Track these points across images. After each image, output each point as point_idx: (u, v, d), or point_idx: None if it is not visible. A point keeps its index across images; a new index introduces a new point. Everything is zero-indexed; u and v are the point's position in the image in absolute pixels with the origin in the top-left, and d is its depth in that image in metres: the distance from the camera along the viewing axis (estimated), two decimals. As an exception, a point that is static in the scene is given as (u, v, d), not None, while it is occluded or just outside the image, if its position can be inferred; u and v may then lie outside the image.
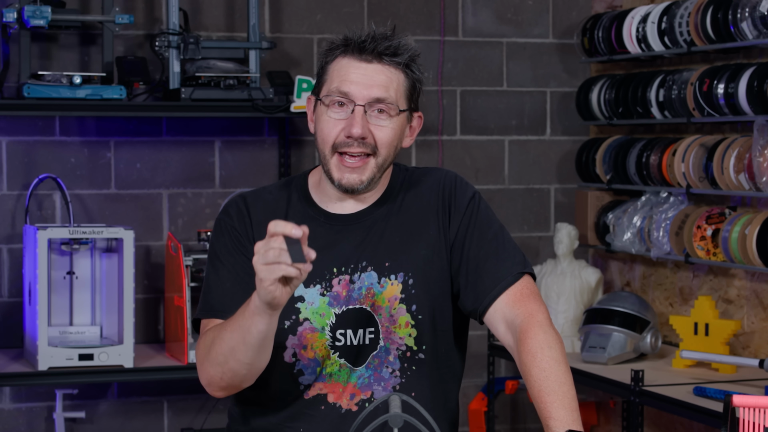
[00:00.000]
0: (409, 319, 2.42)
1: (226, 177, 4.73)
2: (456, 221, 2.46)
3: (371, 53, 2.38)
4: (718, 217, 4.23)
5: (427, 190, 2.49)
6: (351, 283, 2.41)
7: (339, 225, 2.45)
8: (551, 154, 5.14)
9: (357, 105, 2.36)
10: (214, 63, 4.42)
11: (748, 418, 2.31)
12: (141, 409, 4.66)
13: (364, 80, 2.37)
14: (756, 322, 4.25)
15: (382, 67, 2.39)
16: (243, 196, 2.49)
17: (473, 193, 2.50)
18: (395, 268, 2.42)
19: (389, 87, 2.38)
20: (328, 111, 2.38)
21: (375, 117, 2.38)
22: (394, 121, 2.40)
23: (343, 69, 2.38)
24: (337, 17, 4.85)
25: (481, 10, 5.03)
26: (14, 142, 4.50)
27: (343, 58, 2.39)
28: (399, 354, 2.42)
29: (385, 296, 2.41)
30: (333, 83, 2.38)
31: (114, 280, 4.26)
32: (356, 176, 2.39)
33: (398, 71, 2.40)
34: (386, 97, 2.38)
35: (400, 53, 2.40)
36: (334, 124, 2.37)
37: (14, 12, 4.21)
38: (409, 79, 2.43)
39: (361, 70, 2.37)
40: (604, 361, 4.23)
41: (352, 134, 2.35)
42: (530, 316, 2.35)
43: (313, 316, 2.40)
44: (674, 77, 4.42)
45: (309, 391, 2.42)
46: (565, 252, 4.66)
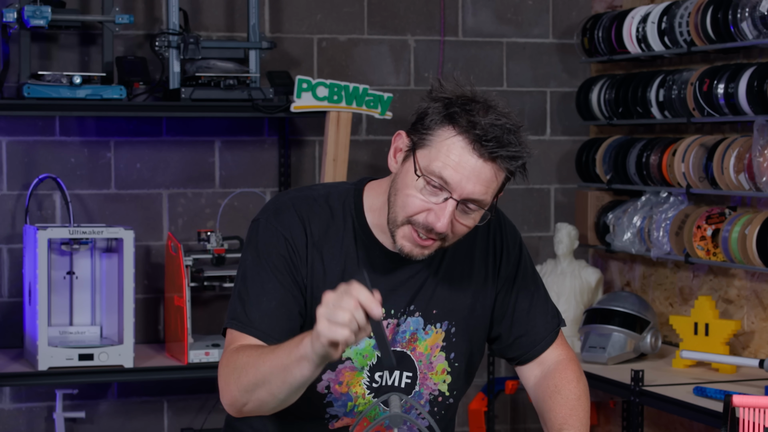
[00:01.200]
0: (447, 366, 2.39)
1: (226, 177, 4.73)
2: (505, 269, 2.42)
3: (489, 153, 2.16)
4: (718, 217, 4.23)
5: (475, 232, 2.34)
6: (397, 326, 2.35)
7: (394, 263, 2.33)
8: (551, 154, 5.14)
9: (452, 199, 2.18)
10: (214, 63, 4.42)
11: (748, 418, 2.31)
12: (141, 409, 4.66)
13: (470, 176, 2.16)
14: (756, 322, 4.25)
15: (492, 167, 2.17)
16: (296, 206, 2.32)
17: (520, 237, 2.47)
18: (442, 316, 2.37)
19: (489, 188, 2.19)
20: (420, 187, 2.19)
21: (463, 213, 2.21)
22: (478, 217, 2.24)
23: (454, 152, 2.16)
24: (337, 17, 4.85)
25: (481, 10, 5.03)
26: (14, 142, 4.50)
27: (457, 137, 2.16)
28: (431, 398, 2.40)
29: (428, 343, 2.37)
30: (437, 161, 2.17)
31: (114, 280, 4.26)
32: (420, 251, 2.24)
33: (503, 173, 2.20)
34: (483, 199, 2.19)
35: (516, 160, 2.19)
36: (422, 203, 2.19)
37: (14, 12, 4.21)
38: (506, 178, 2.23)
39: (471, 164, 2.16)
40: (604, 361, 4.23)
41: (435, 229, 2.18)
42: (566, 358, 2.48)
43: (356, 356, 2.33)
44: (674, 77, 4.42)
45: (336, 422, 2.37)
46: (565, 252, 4.66)
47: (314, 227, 2.30)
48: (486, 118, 2.17)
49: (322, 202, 2.33)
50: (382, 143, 4.90)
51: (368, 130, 4.89)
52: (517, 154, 2.18)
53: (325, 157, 4.48)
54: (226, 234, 4.55)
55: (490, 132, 2.16)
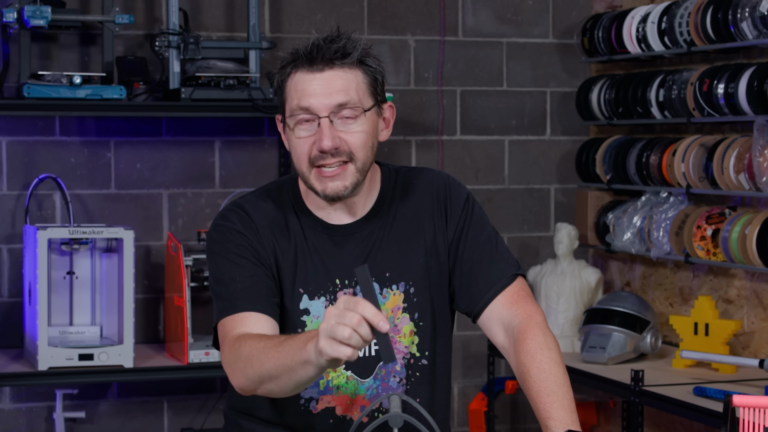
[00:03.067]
0: (412, 327, 2.42)
1: (226, 177, 4.73)
2: (453, 224, 2.45)
3: (321, 61, 2.30)
4: (718, 217, 4.23)
5: (420, 194, 2.47)
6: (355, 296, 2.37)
7: (338, 236, 2.42)
8: (551, 154, 5.14)
9: (321, 118, 2.30)
10: (214, 63, 4.42)
11: (748, 418, 2.31)
12: (141, 409, 4.66)
13: (322, 90, 2.30)
14: (756, 322, 4.25)
15: (336, 72, 2.31)
16: (239, 205, 2.43)
17: (467, 195, 2.49)
18: (396, 278, 2.42)
19: (349, 89, 2.32)
20: (295, 131, 2.34)
21: (342, 123, 2.32)
22: (363, 123, 2.35)
23: (298, 84, 2.32)
24: (337, 17, 4.85)
25: (481, 10, 5.03)
26: (14, 142, 4.50)
27: (295, 74, 2.33)
28: (404, 362, 2.42)
29: (388, 307, 2.41)
30: (293, 101, 2.33)
31: (114, 280, 4.26)
32: (339, 183, 2.34)
33: (354, 70, 2.33)
34: (348, 100, 2.31)
35: (350, 52, 2.32)
36: (305, 143, 2.33)
37: (14, 12, 4.21)
38: (368, 74, 2.35)
39: (316, 80, 2.31)
40: (604, 361, 4.23)
41: (323, 148, 2.30)
42: (528, 318, 2.37)
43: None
44: (674, 77, 4.42)
45: (317, 405, 2.40)
46: (565, 252, 4.66)
47: (258, 218, 2.40)
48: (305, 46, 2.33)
49: (264, 197, 2.45)
50: (382, 143, 4.89)
51: (368, 130, 4.89)
52: (344, 49, 2.31)
53: (325, 157, 4.48)
54: (226, 234, 4.54)
55: (310, 48, 2.31)
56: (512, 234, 5.09)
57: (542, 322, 2.37)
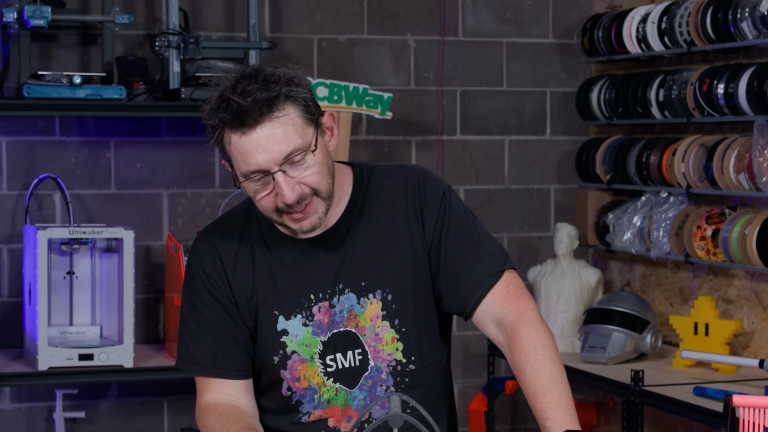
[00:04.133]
0: (394, 333, 2.38)
1: (226, 177, 4.73)
2: (430, 224, 2.38)
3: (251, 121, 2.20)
4: (718, 217, 4.23)
5: (392, 196, 2.39)
6: (331, 308, 2.36)
7: (309, 248, 2.37)
8: (551, 154, 5.14)
9: (273, 173, 2.22)
10: (214, 63, 4.42)
11: (748, 418, 2.31)
12: (141, 409, 4.66)
13: (262, 147, 2.21)
14: (756, 322, 4.25)
15: (269, 124, 2.21)
16: (207, 232, 2.42)
17: (443, 191, 2.40)
18: (372, 286, 2.37)
19: (289, 135, 2.21)
20: (253, 189, 2.26)
21: (295, 168, 2.24)
22: (315, 158, 2.25)
23: (237, 147, 2.23)
24: (337, 17, 4.85)
25: (481, 10, 5.03)
26: (14, 142, 4.50)
27: (230, 136, 2.24)
28: (390, 370, 2.39)
29: (366, 316, 2.37)
30: (240, 165, 2.24)
31: (114, 280, 4.26)
32: (313, 218, 2.29)
33: (284, 110, 2.22)
34: (293, 149, 2.22)
35: (273, 98, 2.20)
36: (268, 200, 2.26)
37: (14, 12, 4.21)
38: (298, 106, 2.24)
39: (253, 139, 2.21)
40: (604, 361, 4.23)
41: (287, 202, 2.24)
42: (520, 314, 2.31)
43: (299, 347, 2.37)
44: (674, 77, 4.42)
45: (310, 417, 2.40)
46: (565, 252, 4.66)
47: (225, 247, 2.39)
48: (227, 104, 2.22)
49: (235, 220, 2.43)
50: (382, 143, 4.90)
51: (368, 130, 4.90)
52: (267, 98, 2.20)
53: (325, 157, 4.48)
54: (226, 234, 4.54)
55: (233, 109, 2.21)
56: (512, 234, 5.09)
57: (534, 317, 2.30)
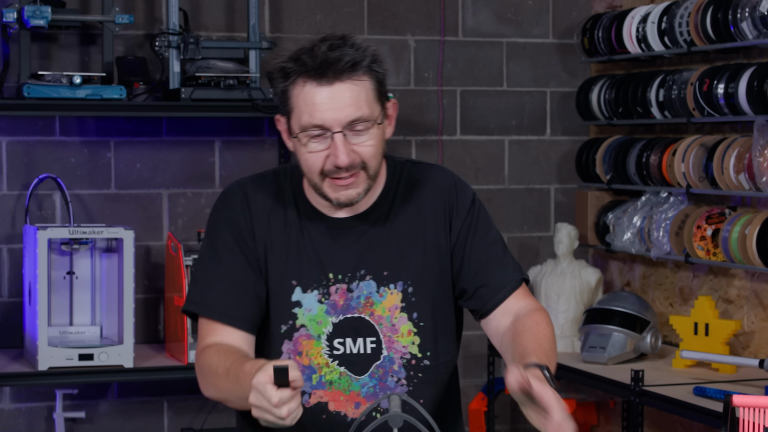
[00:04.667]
0: (411, 327, 2.39)
1: (226, 177, 4.73)
2: (458, 224, 2.43)
3: (331, 74, 2.25)
4: (718, 217, 4.23)
5: (424, 192, 2.44)
6: (349, 292, 2.38)
7: (336, 229, 2.40)
8: (551, 154, 5.14)
9: (335, 133, 2.26)
10: (214, 63, 4.42)
11: (748, 418, 2.31)
12: (141, 409, 4.66)
13: (333, 105, 2.25)
14: (756, 322, 4.25)
15: (346, 85, 2.26)
16: (242, 186, 2.43)
17: (473, 196, 2.47)
18: (394, 277, 2.39)
19: (360, 102, 2.27)
20: (307, 144, 2.29)
21: (355, 136, 2.28)
22: (375, 134, 2.31)
23: (308, 98, 2.27)
24: (337, 17, 4.85)
25: (481, 10, 5.03)
26: (14, 142, 4.50)
27: (303, 84, 2.27)
28: (403, 363, 2.40)
29: (384, 305, 2.38)
30: (302, 116, 2.28)
31: (114, 280, 4.26)
32: (352, 191, 2.32)
33: (363, 80, 2.28)
34: (360, 114, 2.27)
35: (359, 63, 2.27)
36: (317, 156, 2.29)
37: (14, 12, 4.21)
38: (374, 80, 2.30)
39: (326, 94, 2.25)
40: (604, 361, 4.23)
41: (339, 165, 2.27)
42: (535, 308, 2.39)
43: (310, 323, 2.37)
44: (674, 77, 4.42)
45: (309, 399, 2.39)
46: (565, 252, 4.66)
47: (259, 203, 2.40)
48: (312, 54, 2.26)
49: (270, 180, 2.44)
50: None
51: (368, 130, 4.89)
52: (353, 59, 2.26)
53: (325, 157, 4.48)
54: (226, 234, 4.54)
55: (317, 59, 2.25)
56: (512, 234, 5.09)
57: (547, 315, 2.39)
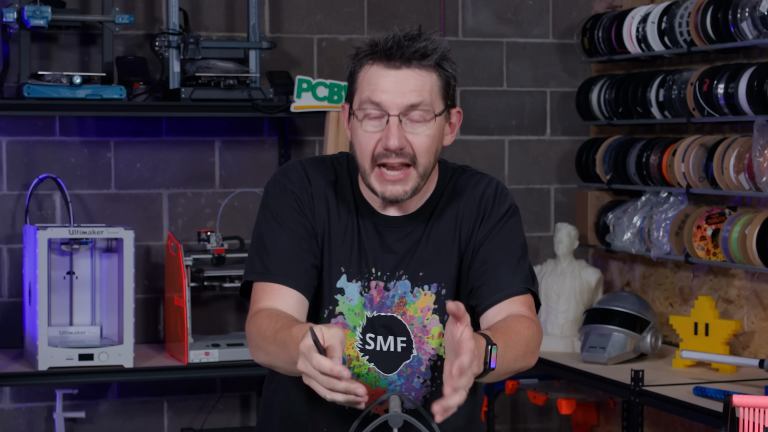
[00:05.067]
0: (442, 329, 2.38)
1: (226, 177, 4.73)
2: (485, 228, 2.41)
3: (399, 59, 2.27)
4: (718, 217, 4.23)
5: (467, 197, 2.43)
6: (386, 290, 2.38)
7: (384, 226, 2.40)
8: (551, 154, 5.14)
9: (391, 116, 2.27)
10: (214, 63, 4.42)
11: (748, 418, 2.31)
12: (141, 409, 4.66)
13: (396, 88, 2.27)
14: (756, 322, 4.25)
15: (412, 72, 2.28)
16: (302, 164, 2.43)
17: (509, 206, 2.44)
18: (429, 278, 2.39)
19: (422, 91, 2.28)
20: (362, 124, 2.30)
21: (411, 125, 2.28)
22: (431, 126, 2.31)
23: (372, 78, 2.30)
24: (337, 17, 4.85)
25: (481, 10, 5.03)
26: (14, 142, 4.50)
27: (371, 66, 2.30)
28: (430, 364, 2.40)
29: (417, 306, 2.38)
30: (364, 93, 2.30)
31: (114, 280, 4.26)
32: (399, 188, 2.31)
33: (430, 72, 2.29)
34: (420, 102, 2.28)
35: (429, 54, 2.28)
36: (370, 137, 2.29)
37: (14, 12, 4.21)
38: (442, 78, 2.31)
39: (391, 77, 2.28)
40: (604, 361, 4.23)
41: (389, 147, 2.27)
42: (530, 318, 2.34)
43: (348, 312, 2.38)
44: (674, 77, 4.42)
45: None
46: (565, 252, 4.66)
47: (317, 183, 2.41)
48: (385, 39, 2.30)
49: (329, 164, 2.45)
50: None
51: (368, 130, 4.89)
52: (424, 50, 2.28)
53: (325, 157, 4.48)
54: (226, 234, 4.55)
55: (390, 43, 2.28)
56: (512, 234, 5.09)
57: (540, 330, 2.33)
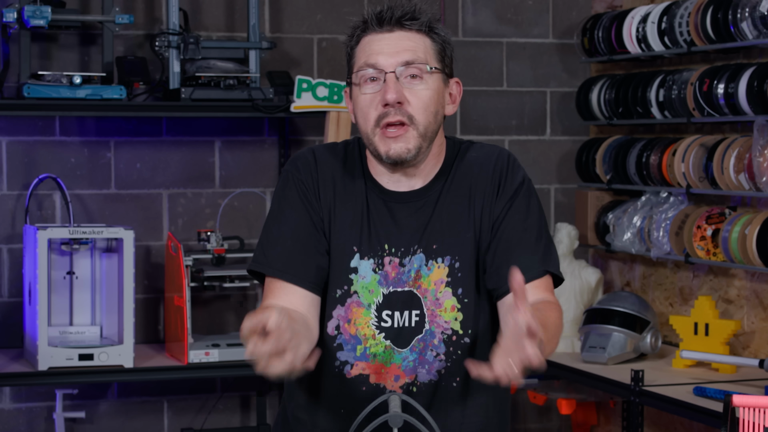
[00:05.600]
0: (455, 302, 2.39)
1: (226, 177, 4.73)
2: (501, 202, 2.42)
3: (390, 22, 2.36)
4: (718, 217, 4.23)
5: (478, 169, 2.44)
6: (401, 266, 2.39)
7: (394, 202, 2.42)
8: (551, 154, 5.14)
9: (387, 73, 2.33)
10: (214, 63, 4.42)
11: (748, 418, 2.31)
12: (141, 409, 4.66)
13: (390, 48, 2.35)
14: (756, 322, 4.25)
15: (405, 33, 2.36)
16: (312, 150, 2.47)
17: (523, 178, 2.46)
18: (442, 251, 2.40)
19: (416, 49, 2.36)
20: (361, 89, 2.36)
21: (408, 82, 2.35)
22: (428, 83, 2.37)
23: (367, 45, 2.37)
24: (337, 17, 4.85)
25: (481, 10, 5.03)
26: (14, 142, 4.51)
27: (365, 36, 2.38)
28: (444, 338, 2.39)
29: (431, 279, 2.39)
30: (360, 60, 2.37)
31: (114, 280, 4.26)
32: (402, 145, 2.34)
33: (422, 35, 2.38)
34: (415, 58, 2.35)
35: (419, 18, 2.37)
36: (371, 99, 2.34)
37: (14, 12, 4.21)
38: (436, 42, 2.40)
39: (385, 40, 2.36)
40: (604, 361, 4.23)
41: (387, 101, 2.32)
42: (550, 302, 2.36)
43: (362, 290, 2.39)
44: (674, 77, 4.42)
45: (351, 370, 2.39)
46: (565, 252, 4.66)
47: (327, 168, 2.44)
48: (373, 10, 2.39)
49: (340, 149, 2.48)
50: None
51: (368, 130, 4.89)
52: (414, 12, 2.36)
53: (325, 157, 4.47)
54: (226, 234, 4.55)
55: (384, 10, 2.37)
56: (512, 234, 5.09)
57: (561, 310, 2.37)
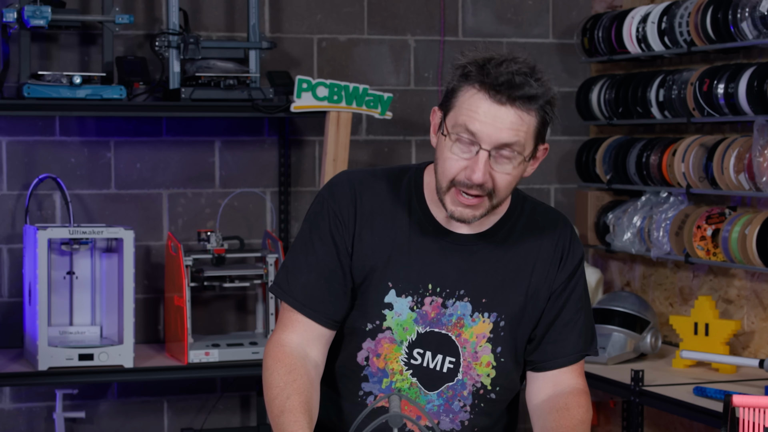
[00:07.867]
0: (492, 360, 2.39)
1: (226, 177, 4.73)
2: (562, 277, 2.42)
3: (506, 95, 2.24)
4: (718, 217, 4.23)
5: (542, 235, 2.43)
6: (443, 308, 2.36)
7: (446, 242, 2.38)
8: (551, 154, 5.14)
9: (482, 149, 2.24)
10: (214, 63, 4.42)
11: (748, 418, 2.31)
12: (141, 409, 4.66)
13: (494, 122, 2.23)
14: (756, 322, 4.25)
15: (514, 111, 2.24)
16: (352, 181, 2.40)
17: (582, 254, 2.47)
18: (491, 306, 2.38)
19: (519, 131, 2.25)
20: (452, 146, 2.27)
21: (498, 162, 2.26)
22: (517, 168, 2.29)
23: (473, 104, 2.25)
24: (337, 17, 4.85)
25: (481, 10, 5.03)
26: (14, 142, 4.50)
27: (476, 91, 2.26)
28: (473, 390, 2.40)
29: (474, 331, 2.37)
30: (461, 116, 2.26)
31: (114, 280, 4.26)
32: (470, 211, 2.29)
33: (531, 115, 2.26)
34: (514, 142, 2.25)
35: (536, 98, 2.26)
36: (457, 162, 2.26)
37: (14, 12, 4.21)
38: (540, 119, 2.28)
39: (493, 111, 2.24)
40: (604, 361, 4.23)
41: (472, 179, 2.25)
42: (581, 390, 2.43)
43: (396, 327, 2.36)
44: (674, 77, 4.42)
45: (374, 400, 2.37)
46: (565, 252, 4.66)
47: (366, 200, 2.38)
48: (498, 68, 2.27)
49: (380, 177, 2.42)
50: (382, 143, 4.90)
51: (368, 130, 4.90)
52: (533, 93, 2.25)
53: (325, 157, 4.48)
54: (226, 234, 4.55)
55: (502, 77, 2.25)
56: (512, 234, 5.09)
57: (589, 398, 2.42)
